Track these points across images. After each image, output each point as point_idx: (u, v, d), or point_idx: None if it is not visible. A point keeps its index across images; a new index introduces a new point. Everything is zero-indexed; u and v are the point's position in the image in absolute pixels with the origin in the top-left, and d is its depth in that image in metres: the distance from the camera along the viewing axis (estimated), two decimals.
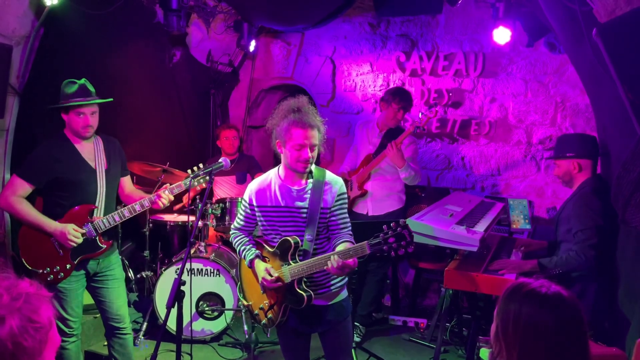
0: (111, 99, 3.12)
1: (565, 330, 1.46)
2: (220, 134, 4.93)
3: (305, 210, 2.57)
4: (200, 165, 3.01)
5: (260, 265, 2.62)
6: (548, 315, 1.46)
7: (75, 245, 2.93)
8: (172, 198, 3.10)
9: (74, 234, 2.91)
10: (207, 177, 2.92)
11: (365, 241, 2.37)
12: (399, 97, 4.31)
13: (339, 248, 2.50)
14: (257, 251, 2.69)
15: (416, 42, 5.41)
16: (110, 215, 3.02)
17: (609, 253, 3.06)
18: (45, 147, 3.00)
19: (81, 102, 2.93)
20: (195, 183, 3.04)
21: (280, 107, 2.62)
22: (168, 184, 3.11)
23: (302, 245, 2.55)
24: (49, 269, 2.96)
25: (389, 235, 2.34)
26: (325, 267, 2.43)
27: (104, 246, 3.03)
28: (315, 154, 2.57)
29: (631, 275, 2.84)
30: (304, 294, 2.52)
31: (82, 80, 3.00)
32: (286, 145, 2.54)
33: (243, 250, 2.72)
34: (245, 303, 2.82)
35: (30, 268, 2.98)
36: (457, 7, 3.90)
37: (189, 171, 3.00)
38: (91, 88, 3.02)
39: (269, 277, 2.54)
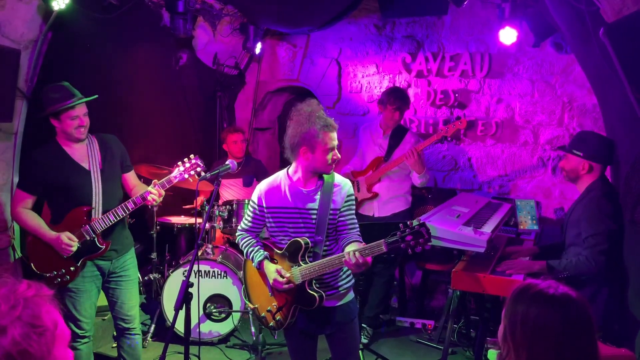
0: (96, 96, 3.05)
1: (573, 330, 1.45)
2: (227, 137, 4.92)
3: (315, 211, 2.58)
4: (191, 156, 3.06)
5: (270, 267, 2.62)
6: (556, 315, 1.46)
7: (71, 252, 2.94)
8: (162, 193, 3.04)
9: (67, 242, 2.92)
10: (197, 170, 3.04)
11: (382, 239, 2.37)
12: (392, 97, 4.29)
13: (349, 248, 2.48)
14: (266, 252, 2.69)
15: (422, 43, 5.40)
16: (105, 215, 2.99)
17: (620, 256, 3.03)
18: (34, 155, 3.00)
19: (74, 102, 2.88)
20: (186, 176, 3.04)
21: (299, 115, 2.57)
22: (155, 180, 3.07)
23: (312, 247, 2.55)
24: (55, 272, 2.99)
25: (406, 233, 2.34)
26: (342, 259, 2.43)
27: (103, 247, 3.01)
28: None
29: None
30: (315, 294, 2.52)
31: (65, 83, 2.97)
32: (316, 151, 2.53)
33: (251, 252, 2.72)
34: (252, 306, 2.81)
35: (38, 272, 3.02)
36: (463, 7, 3.88)
37: (179, 163, 3.05)
38: (74, 89, 2.99)
39: (280, 279, 2.54)
